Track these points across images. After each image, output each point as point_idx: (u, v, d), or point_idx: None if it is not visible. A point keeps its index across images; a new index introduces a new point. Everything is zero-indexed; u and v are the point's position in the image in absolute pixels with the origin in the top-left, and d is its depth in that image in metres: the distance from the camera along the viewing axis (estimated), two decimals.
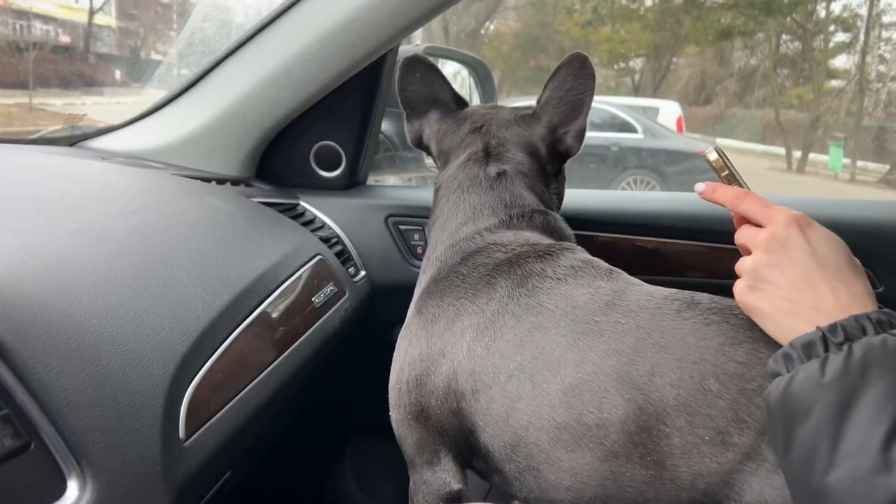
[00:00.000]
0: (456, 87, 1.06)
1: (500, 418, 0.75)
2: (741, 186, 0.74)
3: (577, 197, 1.30)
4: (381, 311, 1.28)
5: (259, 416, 0.80)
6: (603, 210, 1.30)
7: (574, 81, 0.95)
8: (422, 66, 1.01)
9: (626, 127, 8.21)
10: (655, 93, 15.06)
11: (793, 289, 0.62)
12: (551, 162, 0.98)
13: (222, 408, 0.73)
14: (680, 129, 9.17)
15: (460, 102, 1.04)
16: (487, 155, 0.95)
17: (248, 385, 0.79)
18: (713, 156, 0.75)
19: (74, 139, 1.24)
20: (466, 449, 0.81)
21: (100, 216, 0.77)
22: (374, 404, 0.96)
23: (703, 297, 0.73)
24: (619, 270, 0.83)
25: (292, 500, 1.42)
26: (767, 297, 0.64)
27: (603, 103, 8.89)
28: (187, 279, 0.77)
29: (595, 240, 1.29)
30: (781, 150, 12.93)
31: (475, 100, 1.71)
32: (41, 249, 0.63)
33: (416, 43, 1.41)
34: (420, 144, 1.06)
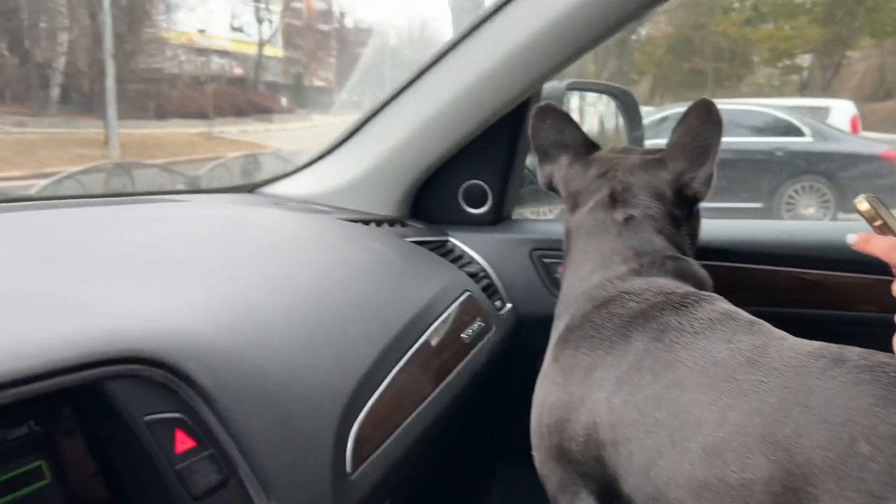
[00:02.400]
0: (597, 117, 1.09)
1: (641, 471, 0.75)
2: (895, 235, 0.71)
3: (735, 227, 1.28)
4: (527, 341, 1.32)
5: (416, 448, 0.88)
6: (763, 241, 1.26)
7: (701, 127, 0.95)
8: (553, 114, 1.05)
9: (792, 130, 7.69)
10: (827, 90, 13.94)
11: None
12: (679, 207, 0.98)
13: (383, 442, 0.80)
14: (855, 129, 8.45)
15: (591, 146, 1.06)
16: (614, 200, 0.96)
17: (405, 420, 0.86)
18: (864, 206, 0.72)
19: (253, 186, 1.39)
20: (608, 493, 0.82)
21: (276, 267, 0.88)
22: (522, 434, 1.00)
23: (852, 354, 0.70)
24: (762, 322, 0.81)
25: None
26: None
27: (764, 106, 8.39)
28: (350, 323, 0.86)
29: (751, 272, 1.25)
30: None
31: (621, 129, 1.72)
32: (230, 302, 0.74)
33: (559, 79, 1.45)
34: (551, 187, 1.09)
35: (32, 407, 0.51)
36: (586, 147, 1.06)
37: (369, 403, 0.79)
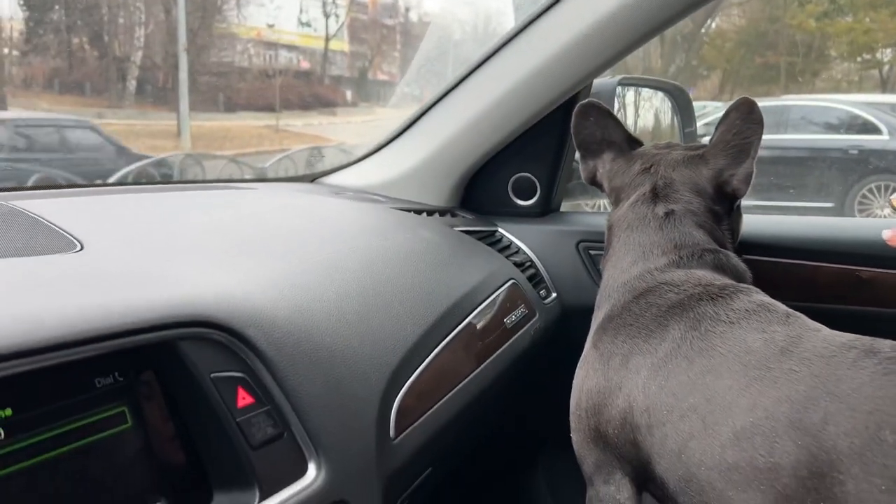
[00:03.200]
0: (653, 112, 1.12)
1: (674, 454, 0.78)
2: None
3: (780, 223, 1.29)
4: (572, 331, 1.36)
5: (456, 422, 0.94)
6: (807, 237, 1.27)
7: (742, 125, 0.97)
8: (595, 111, 1.09)
9: (869, 127, 7.40)
10: None
11: None
12: (720, 202, 1.01)
13: (425, 413, 0.87)
14: None
15: (633, 142, 1.10)
16: (655, 195, 1.00)
17: (447, 394, 0.92)
18: None
19: (314, 176, 1.48)
20: (642, 474, 0.86)
21: (334, 252, 0.95)
22: (566, 419, 1.04)
23: (884, 346, 0.72)
24: (798, 314, 0.83)
25: None
26: None
27: (840, 102, 8.09)
28: (399, 303, 0.92)
29: (795, 268, 1.26)
30: None
31: (675, 125, 1.73)
32: (291, 280, 0.81)
33: (609, 75, 1.48)
34: (594, 182, 1.13)
35: (118, 360, 0.59)
36: (629, 143, 1.09)
37: (413, 376, 0.86)
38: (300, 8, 14.76)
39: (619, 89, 1.62)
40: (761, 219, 1.32)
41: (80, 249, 0.74)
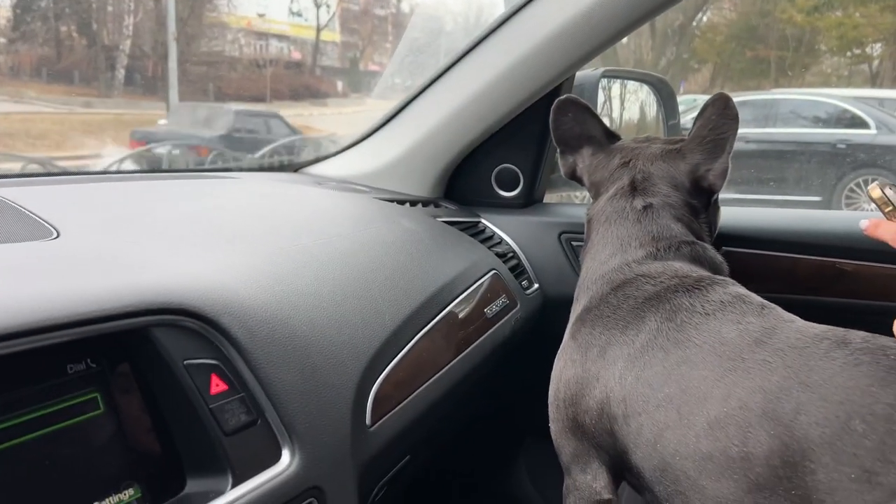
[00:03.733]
0: (638, 105, 1.13)
1: (649, 444, 0.79)
2: None
3: (758, 215, 1.30)
4: (554, 321, 1.37)
5: (434, 411, 0.94)
6: (785, 229, 1.28)
7: (718, 121, 0.98)
8: (573, 107, 1.09)
9: (857, 122, 7.44)
10: None
11: None
12: (697, 196, 1.01)
13: (402, 401, 0.87)
14: None
15: (612, 137, 1.10)
16: (634, 189, 1.00)
17: (425, 383, 0.93)
18: (876, 192, 0.74)
19: (297, 166, 1.48)
20: (619, 463, 0.87)
21: (312, 240, 0.95)
22: (547, 408, 1.05)
23: (856, 337, 0.72)
24: (773, 305, 0.84)
25: (471, 493, 1.56)
26: None
27: (829, 97, 8.13)
28: (378, 292, 0.93)
29: (772, 260, 1.28)
30: None
31: (659, 118, 1.74)
32: (266, 267, 0.82)
33: (594, 67, 1.48)
34: (574, 177, 1.13)
35: (90, 346, 0.60)
36: (608, 137, 1.10)
37: (391, 365, 0.86)
38: None
39: (604, 82, 1.62)
40: (741, 211, 1.33)
41: (56, 237, 0.75)
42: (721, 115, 0.98)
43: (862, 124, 7.36)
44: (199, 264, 0.75)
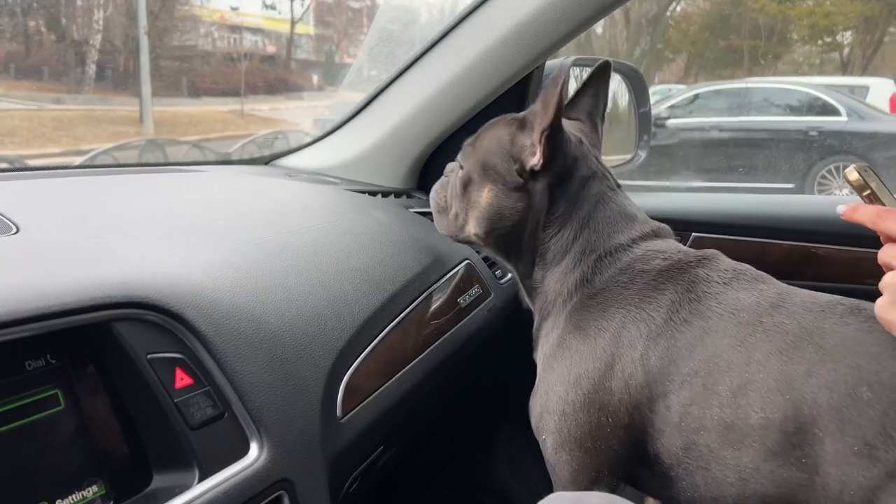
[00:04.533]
0: (610, 94, 1.12)
1: (674, 425, 0.77)
2: (884, 205, 0.73)
3: (729, 201, 1.31)
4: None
5: (407, 401, 0.94)
6: (756, 215, 1.30)
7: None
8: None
9: (828, 109, 7.54)
10: (867, 69, 13.55)
11: None
12: None
13: (374, 392, 0.87)
14: (894, 108, 8.24)
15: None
16: (605, 174, 0.95)
17: (397, 374, 0.92)
18: (853, 175, 0.74)
19: (269, 158, 1.46)
20: (629, 463, 0.83)
21: (282, 232, 0.94)
22: (522, 396, 1.04)
23: (869, 305, 0.73)
24: (767, 275, 0.85)
25: (448, 483, 1.56)
26: None
27: (800, 85, 8.23)
28: (348, 284, 0.92)
29: (744, 245, 1.29)
30: None
31: (630, 106, 1.74)
32: (234, 261, 0.81)
33: (565, 55, 1.48)
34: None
35: (50, 342, 0.58)
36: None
37: (361, 356, 0.86)
38: None
39: (576, 70, 1.62)
40: (710, 197, 1.34)
41: (16, 232, 0.73)
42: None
43: (833, 112, 7.46)
44: (162, 257, 0.74)
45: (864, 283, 1.22)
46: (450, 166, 1.09)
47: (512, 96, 1.35)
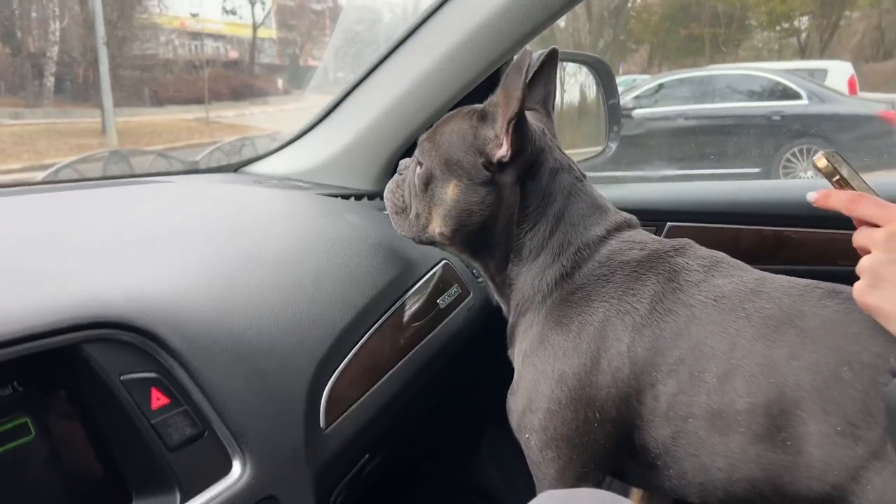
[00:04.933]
0: (578, 87, 1.11)
1: (662, 415, 0.77)
2: (854, 189, 0.74)
3: (701, 189, 1.31)
4: None
5: (390, 407, 0.92)
6: (728, 201, 1.30)
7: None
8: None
9: (789, 94, 7.66)
10: (824, 52, 13.80)
11: None
12: None
13: (357, 400, 0.85)
14: (853, 90, 8.39)
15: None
16: (570, 167, 0.93)
17: (379, 380, 0.91)
18: (822, 162, 0.75)
19: (237, 165, 1.43)
20: (616, 456, 0.82)
21: (254, 241, 0.92)
22: (504, 395, 1.03)
23: (846, 288, 0.74)
24: (742, 262, 0.85)
25: (434, 486, 1.55)
26: (886, 295, 0.65)
27: (762, 70, 8.35)
28: (326, 290, 0.90)
29: (717, 232, 1.29)
30: None
31: (599, 98, 1.74)
32: (206, 272, 0.79)
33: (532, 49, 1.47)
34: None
35: (16, 368, 0.56)
36: None
37: (342, 364, 0.84)
38: None
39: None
40: (683, 186, 1.35)
41: None
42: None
43: (794, 96, 7.58)
44: (132, 274, 0.71)
45: (837, 264, 1.23)
46: (403, 163, 1.04)
47: (482, 92, 1.33)
